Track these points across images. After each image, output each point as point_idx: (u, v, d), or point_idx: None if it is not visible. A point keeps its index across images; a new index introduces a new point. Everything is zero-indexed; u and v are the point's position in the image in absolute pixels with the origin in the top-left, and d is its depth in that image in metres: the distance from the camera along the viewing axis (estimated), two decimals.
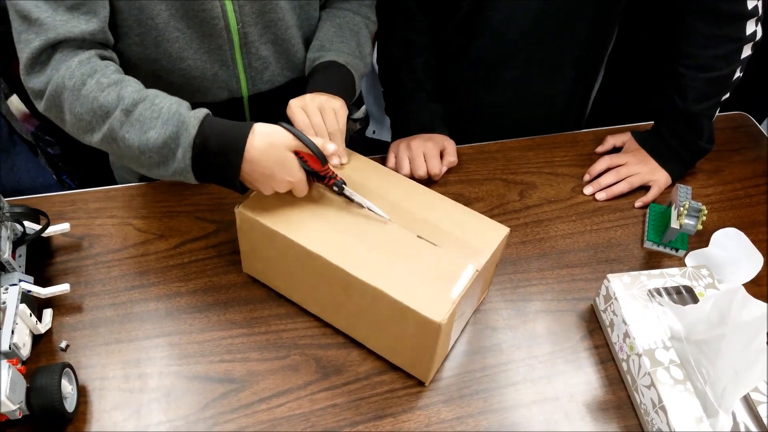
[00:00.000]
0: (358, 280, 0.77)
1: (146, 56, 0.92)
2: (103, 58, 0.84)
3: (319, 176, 0.84)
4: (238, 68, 0.98)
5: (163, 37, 0.89)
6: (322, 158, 0.80)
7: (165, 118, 0.78)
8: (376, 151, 1.15)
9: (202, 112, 0.79)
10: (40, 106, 0.83)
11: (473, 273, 0.79)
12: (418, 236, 0.82)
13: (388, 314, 0.78)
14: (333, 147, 0.81)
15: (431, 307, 0.74)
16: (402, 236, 0.82)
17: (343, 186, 0.84)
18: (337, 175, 0.84)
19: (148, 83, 0.94)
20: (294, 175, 0.80)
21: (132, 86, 0.81)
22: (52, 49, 0.80)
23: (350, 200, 0.85)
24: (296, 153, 0.81)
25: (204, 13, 0.89)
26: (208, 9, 0.88)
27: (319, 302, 0.88)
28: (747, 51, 1.02)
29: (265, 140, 0.78)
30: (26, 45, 0.80)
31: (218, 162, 0.79)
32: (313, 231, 0.82)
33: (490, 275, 0.91)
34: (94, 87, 0.79)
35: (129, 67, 0.91)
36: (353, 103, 1.02)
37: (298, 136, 0.79)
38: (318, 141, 0.80)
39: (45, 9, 0.79)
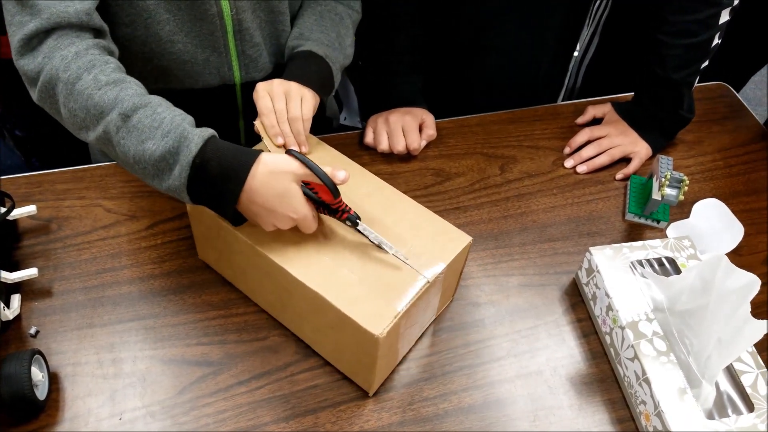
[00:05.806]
0: (299, 283, 0.74)
1: (135, 37, 0.88)
2: (103, 50, 0.78)
3: (331, 209, 0.77)
4: (231, 55, 0.94)
5: (153, 19, 0.85)
6: (333, 190, 0.73)
7: (166, 130, 0.71)
8: (347, 136, 1.12)
9: (208, 131, 0.73)
10: (34, 95, 0.77)
11: (424, 285, 0.75)
12: (372, 242, 0.77)
13: (329, 321, 0.75)
14: (343, 174, 0.75)
15: (372, 320, 0.71)
16: (356, 240, 0.79)
17: (357, 221, 0.77)
18: (350, 209, 0.76)
19: (137, 65, 0.89)
20: (298, 211, 0.73)
21: (133, 89, 0.74)
22: (45, 33, 0.75)
23: (365, 237, 0.78)
24: (306, 184, 0.75)
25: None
26: None
27: (267, 299, 0.85)
28: (725, 16, 1.01)
29: (268, 168, 0.71)
30: (19, 27, 0.75)
31: (215, 187, 0.73)
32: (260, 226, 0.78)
33: (452, 284, 0.87)
34: (90, 83, 0.73)
35: (118, 48, 0.86)
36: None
37: (307, 164, 0.72)
38: (328, 169, 0.73)
39: None
